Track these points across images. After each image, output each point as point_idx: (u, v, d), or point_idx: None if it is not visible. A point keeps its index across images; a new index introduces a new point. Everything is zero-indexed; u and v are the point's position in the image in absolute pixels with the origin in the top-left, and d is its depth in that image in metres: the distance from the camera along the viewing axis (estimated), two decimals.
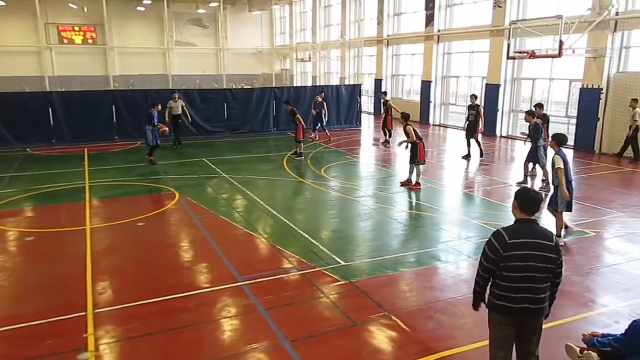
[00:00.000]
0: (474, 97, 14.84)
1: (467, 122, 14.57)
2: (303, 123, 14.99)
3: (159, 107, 14.32)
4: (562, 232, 7.69)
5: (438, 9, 22.16)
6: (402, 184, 11.43)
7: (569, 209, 7.71)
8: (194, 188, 11.62)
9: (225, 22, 38.08)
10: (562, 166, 7.35)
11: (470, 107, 14.61)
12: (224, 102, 19.73)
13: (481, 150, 14.54)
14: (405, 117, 11.67)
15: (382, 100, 18.67)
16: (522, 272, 3.63)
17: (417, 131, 11.49)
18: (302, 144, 14.94)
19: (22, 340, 5.17)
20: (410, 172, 11.38)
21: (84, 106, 17.62)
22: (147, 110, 16.00)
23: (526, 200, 3.75)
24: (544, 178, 11.29)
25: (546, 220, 8.30)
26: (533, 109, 12.27)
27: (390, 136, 17.61)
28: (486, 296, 3.94)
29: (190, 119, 17.61)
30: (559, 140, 7.69)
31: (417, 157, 11.16)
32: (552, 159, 7.54)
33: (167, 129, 14.27)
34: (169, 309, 5.77)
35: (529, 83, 18.90)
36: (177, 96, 16.94)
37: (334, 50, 31.66)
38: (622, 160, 14.39)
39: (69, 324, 5.44)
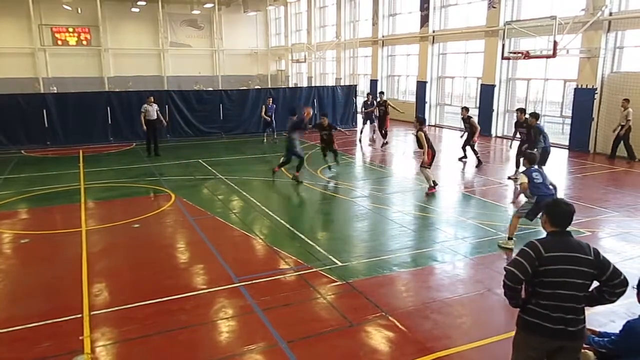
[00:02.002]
0: (465, 109, 14.27)
1: (464, 132, 14.20)
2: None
3: (310, 111, 12.26)
4: (511, 237, 7.63)
5: (433, 10, 22.23)
6: (428, 194, 10.67)
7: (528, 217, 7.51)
8: (190, 189, 11.59)
9: (220, 23, 38.00)
10: (525, 181, 7.37)
11: (463, 121, 14.21)
12: (220, 103, 19.72)
13: (479, 159, 13.92)
14: (421, 122, 10.53)
15: (379, 100, 18.07)
16: (558, 289, 3.32)
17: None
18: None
19: (18, 343, 5.14)
20: (428, 178, 10.80)
21: (79, 108, 17.58)
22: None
23: (558, 214, 3.46)
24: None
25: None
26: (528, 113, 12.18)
27: (386, 137, 17.51)
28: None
29: (166, 124, 16.59)
30: (530, 159, 7.73)
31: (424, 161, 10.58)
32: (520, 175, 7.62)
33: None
34: (165, 311, 5.75)
35: (524, 83, 18.98)
36: (152, 99, 15.54)
37: (330, 51, 31.70)
38: (616, 160, 14.44)
39: (65, 327, 5.41)
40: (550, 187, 7.45)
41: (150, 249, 7.88)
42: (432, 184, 10.76)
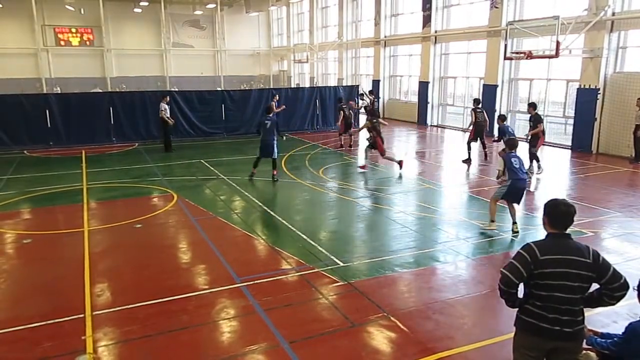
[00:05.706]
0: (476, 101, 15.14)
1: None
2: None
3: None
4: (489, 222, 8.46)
5: (435, 10, 22.19)
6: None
7: (511, 199, 8.32)
8: (192, 190, 11.59)
9: (222, 23, 38.02)
10: (502, 168, 8.27)
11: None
12: (222, 104, 19.72)
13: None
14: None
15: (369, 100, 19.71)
16: (554, 291, 3.29)
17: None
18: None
19: (20, 343, 5.15)
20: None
21: (81, 108, 17.60)
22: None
23: (557, 215, 3.40)
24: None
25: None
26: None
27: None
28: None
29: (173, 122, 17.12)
30: (510, 144, 8.51)
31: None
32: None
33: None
34: (167, 311, 5.76)
35: (526, 83, 18.94)
36: (168, 98, 16.67)
37: (332, 52, 31.67)
38: (624, 161, 14.31)
39: (67, 327, 5.43)
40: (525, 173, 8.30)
41: (152, 249, 7.88)
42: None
